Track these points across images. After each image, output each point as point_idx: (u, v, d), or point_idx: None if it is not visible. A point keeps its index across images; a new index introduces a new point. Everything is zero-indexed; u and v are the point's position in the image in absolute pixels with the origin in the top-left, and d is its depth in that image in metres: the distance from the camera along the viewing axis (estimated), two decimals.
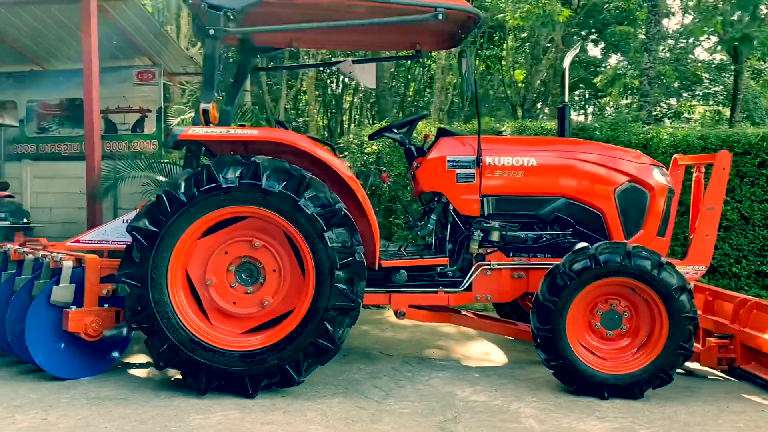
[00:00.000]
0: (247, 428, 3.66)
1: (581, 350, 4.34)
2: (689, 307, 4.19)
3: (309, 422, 3.76)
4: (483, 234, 4.77)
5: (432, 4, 4.38)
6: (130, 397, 4.15)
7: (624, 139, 8.31)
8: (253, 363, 4.13)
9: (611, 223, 4.81)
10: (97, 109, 7.81)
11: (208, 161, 4.17)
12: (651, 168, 4.88)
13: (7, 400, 4.05)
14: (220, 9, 4.27)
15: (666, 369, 4.21)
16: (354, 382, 4.59)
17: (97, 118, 7.88)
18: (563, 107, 5.40)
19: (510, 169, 4.79)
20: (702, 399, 4.33)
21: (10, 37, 10.39)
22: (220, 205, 4.12)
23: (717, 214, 4.88)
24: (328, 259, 4.11)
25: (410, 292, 4.76)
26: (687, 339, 4.20)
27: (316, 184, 4.18)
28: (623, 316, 4.39)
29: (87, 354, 4.56)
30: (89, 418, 3.75)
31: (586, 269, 4.23)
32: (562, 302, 4.25)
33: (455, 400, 4.22)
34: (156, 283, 4.09)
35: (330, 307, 4.13)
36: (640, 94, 10.52)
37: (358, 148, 7.86)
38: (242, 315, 4.30)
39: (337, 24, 4.44)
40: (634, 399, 4.25)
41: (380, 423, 3.78)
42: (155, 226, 4.08)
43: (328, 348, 4.16)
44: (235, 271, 4.31)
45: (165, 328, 4.10)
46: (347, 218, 4.20)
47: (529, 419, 3.88)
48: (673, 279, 4.18)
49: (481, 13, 4.55)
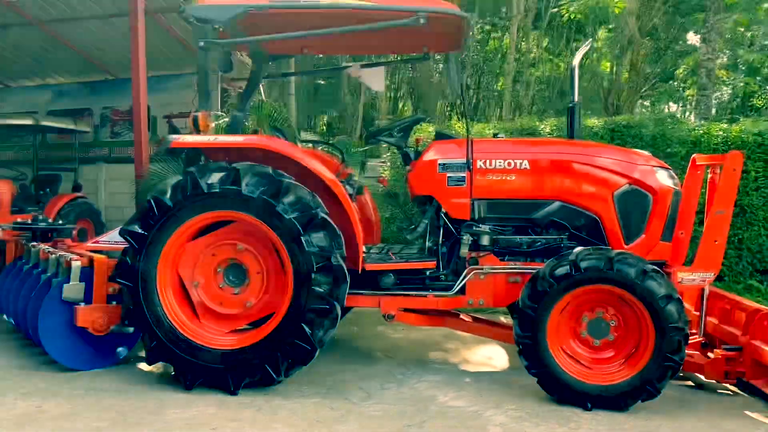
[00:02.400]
0: (215, 424, 3.83)
1: (564, 359, 4.22)
2: (677, 317, 3.97)
3: (275, 421, 3.88)
4: (473, 238, 4.71)
5: (413, 8, 4.38)
6: (124, 389, 4.43)
7: (671, 136, 7.91)
8: (234, 361, 4.29)
9: (609, 228, 4.63)
10: (144, 114, 8.29)
11: (193, 168, 4.37)
12: (654, 170, 4.65)
13: (18, 388, 4.43)
14: (207, 22, 4.46)
15: (653, 381, 4.02)
16: (341, 382, 4.67)
17: (145, 123, 8.36)
18: (572, 106, 5.21)
19: (502, 172, 4.71)
20: (695, 414, 4.11)
21: (84, 50, 11.21)
22: (203, 210, 4.31)
23: (727, 218, 4.58)
24: (305, 262, 4.21)
25: (400, 295, 4.77)
26: (675, 351, 3.99)
27: (295, 189, 4.30)
28: (611, 325, 4.23)
29: (96, 348, 4.89)
30: (78, 408, 4.05)
31: (566, 276, 4.10)
32: (542, 309, 4.15)
33: (432, 405, 4.21)
34: (145, 284, 4.34)
35: (307, 309, 4.23)
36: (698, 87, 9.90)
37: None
38: (228, 315, 4.49)
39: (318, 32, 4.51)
40: (619, 411, 4.08)
41: (344, 424, 3.85)
42: (144, 229, 4.33)
43: (306, 349, 4.26)
44: (223, 273, 4.50)
45: (154, 326, 4.34)
46: (325, 222, 4.28)
47: (497, 428, 3.83)
48: (660, 287, 3.98)
49: (466, 15, 4.49)
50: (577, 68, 5.34)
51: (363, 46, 5.82)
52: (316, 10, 4.41)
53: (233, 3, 4.43)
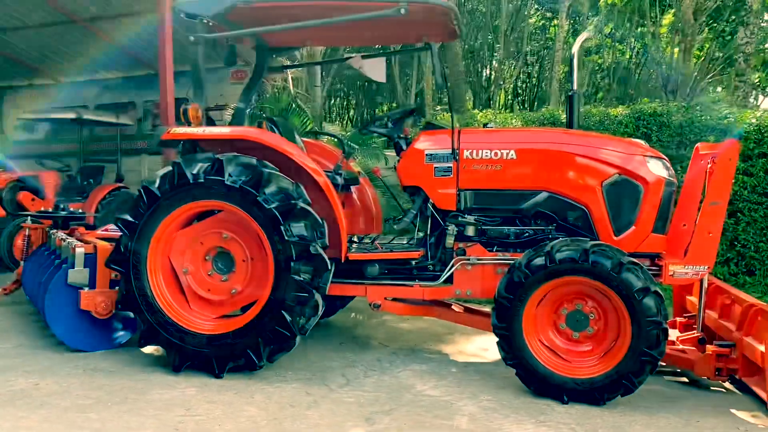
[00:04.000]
0: (191, 404, 3.98)
1: (542, 350, 4.17)
2: (655, 311, 3.87)
3: (249, 404, 4.00)
4: (458, 229, 4.70)
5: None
6: (119, 370, 4.65)
7: (701, 124, 7.62)
8: (219, 346, 4.44)
9: (597, 219, 4.53)
10: (172, 107, 8.54)
11: (180, 159, 4.53)
12: (645, 159, 4.51)
13: (23, 366, 4.72)
14: (196, 17, 4.59)
15: (629, 376, 3.93)
16: (327, 369, 4.76)
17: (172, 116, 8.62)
18: (571, 95, 5.11)
19: (488, 162, 4.67)
20: (675, 411, 3.99)
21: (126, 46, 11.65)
22: (189, 200, 4.46)
23: (722, 209, 4.41)
24: (285, 251, 4.31)
25: (386, 284, 4.82)
26: (653, 345, 3.88)
27: (276, 179, 4.39)
28: (590, 318, 4.15)
29: (100, 330, 5.14)
30: (71, 387, 4.28)
31: (542, 267, 4.05)
32: (518, 300, 4.11)
33: (408, 394, 4.24)
34: (136, 270, 4.54)
35: (287, 297, 4.33)
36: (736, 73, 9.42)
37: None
38: (216, 301, 4.64)
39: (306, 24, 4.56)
40: (596, 405, 4.02)
41: (314, 409, 3.93)
42: (135, 218, 4.52)
43: (286, 336, 4.36)
44: (212, 261, 4.65)
45: (145, 310, 4.54)
46: (305, 212, 4.36)
47: (464, 418, 3.84)
48: (636, 280, 3.88)
49: (448, 4, 4.45)
50: (576, 56, 5.23)
51: (363, 38, 5.85)
52: (302, 3, 4.47)
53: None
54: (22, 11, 10.42)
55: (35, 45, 11.91)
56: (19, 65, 13.02)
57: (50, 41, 11.65)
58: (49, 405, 3.94)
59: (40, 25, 10.87)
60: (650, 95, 16.11)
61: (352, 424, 3.72)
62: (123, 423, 3.68)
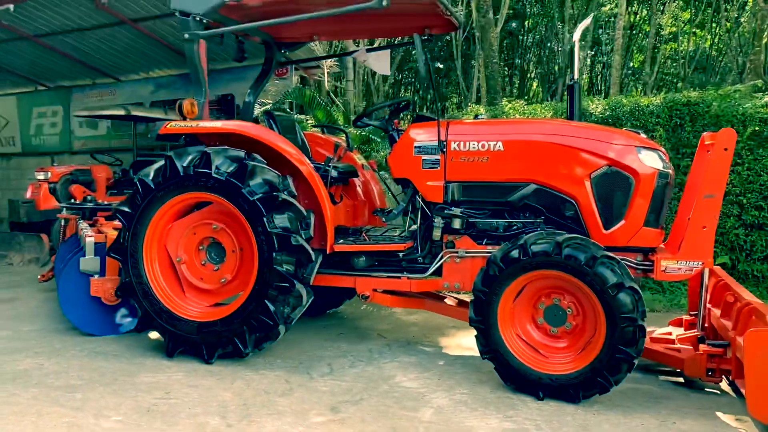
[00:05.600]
0: (173, 388, 4.15)
1: (518, 345, 4.10)
2: (631, 307, 3.73)
3: (226, 390, 4.13)
4: (445, 221, 4.67)
5: None
6: (119, 354, 4.89)
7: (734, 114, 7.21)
8: (208, 333, 4.60)
9: (585, 211, 4.39)
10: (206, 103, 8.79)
11: (171, 152, 4.70)
12: (636, 150, 4.33)
13: (35, 347, 5.04)
14: (189, 14, 4.74)
15: (604, 374, 3.81)
16: (317, 358, 4.84)
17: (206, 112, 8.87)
18: (572, 85, 4.98)
19: (475, 154, 4.60)
20: (654, 412, 3.84)
21: (174, 45, 12.10)
22: (180, 191, 4.64)
23: (717, 202, 4.19)
24: (267, 242, 4.41)
25: (374, 276, 4.84)
26: (628, 343, 3.75)
27: (261, 171, 4.50)
28: (567, 313, 4.05)
29: (110, 316, 5.41)
30: (71, 368, 4.54)
31: (515, 260, 3.98)
32: (492, 293, 4.06)
33: (385, 385, 4.27)
34: (134, 259, 4.75)
35: (270, 286, 4.43)
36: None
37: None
38: (208, 290, 4.80)
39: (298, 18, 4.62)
40: (572, 402, 3.92)
41: (286, 397, 4.02)
42: (132, 209, 4.73)
43: (270, 325, 4.47)
44: (206, 251, 4.81)
45: (141, 297, 4.75)
46: (287, 204, 4.45)
47: (430, 410, 3.83)
48: (611, 275, 3.75)
49: None
50: (578, 45, 5.08)
51: (371, 31, 5.87)
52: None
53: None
54: (73, 14, 10.98)
55: (92, 46, 12.55)
56: (81, 66, 13.76)
57: (104, 42, 12.24)
58: (43, 384, 4.20)
59: (92, 27, 11.43)
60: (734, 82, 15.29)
61: (317, 412, 3.78)
62: (102, 403, 3.88)
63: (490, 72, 10.69)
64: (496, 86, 10.45)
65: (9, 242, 9.67)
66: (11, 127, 16.89)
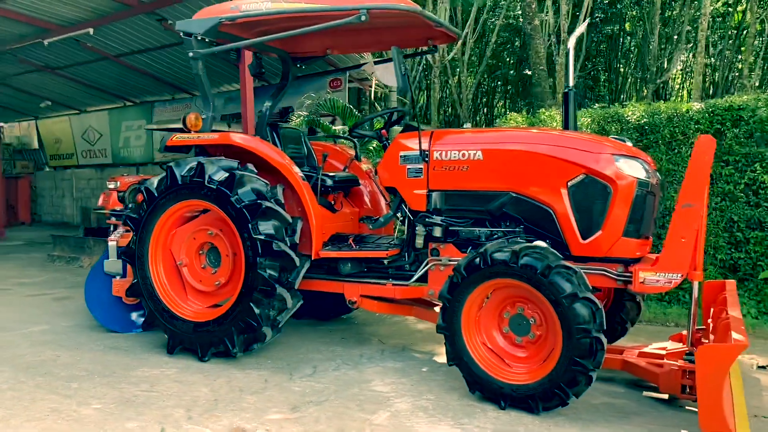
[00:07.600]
0: (160, 382, 4.46)
1: (483, 353, 4.10)
2: (587, 319, 3.66)
3: (206, 385, 4.39)
4: (427, 229, 4.73)
5: (357, 6, 4.53)
6: (129, 350, 5.28)
7: None
8: (202, 333, 4.89)
9: (562, 220, 4.33)
10: (252, 117, 9.26)
11: (172, 163, 5.04)
12: (614, 159, 4.22)
13: (62, 341, 5.54)
14: (191, 35, 5.08)
15: (562, 386, 3.75)
16: (306, 360, 5.02)
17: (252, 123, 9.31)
18: (567, 93, 4.92)
19: (456, 164, 4.64)
20: (617, 427, 3.73)
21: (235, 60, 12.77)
22: (179, 199, 4.97)
23: (697, 212, 4.00)
24: (252, 248, 4.65)
25: (361, 282, 4.97)
26: (584, 355, 3.67)
27: (249, 180, 4.75)
28: (531, 323, 4.01)
29: (131, 314, 5.84)
30: (81, 361, 4.97)
31: (477, 268, 4.00)
32: (455, 301, 4.09)
33: (356, 388, 4.37)
34: (141, 261, 5.13)
35: (254, 290, 4.66)
36: None
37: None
38: (206, 292, 5.10)
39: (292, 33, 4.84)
40: (531, 414, 3.88)
41: (256, 395, 4.22)
42: (139, 215, 5.12)
43: (254, 326, 4.69)
44: (206, 255, 5.12)
45: (147, 297, 5.12)
46: (272, 211, 4.67)
47: (386, 414, 3.91)
48: (566, 284, 3.70)
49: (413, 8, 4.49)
50: (572, 52, 5.00)
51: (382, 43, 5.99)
52: (272, 16, 4.78)
53: (208, 17, 5.01)
54: (144, 35, 11.85)
55: (166, 63, 13.45)
56: (159, 82, 14.76)
57: (176, 59, 13.09)
58: (50, 374, 4.63)
59: (162, 46, 12.26)
60: None
61: (277, 410, 3.95)
62: (92, 393, 4.24)
63: (537, 79, 10.51)
64: (543, 94, 10.25)
65: (81, 246, 10.53)
66: (104, 140, 18.33)
